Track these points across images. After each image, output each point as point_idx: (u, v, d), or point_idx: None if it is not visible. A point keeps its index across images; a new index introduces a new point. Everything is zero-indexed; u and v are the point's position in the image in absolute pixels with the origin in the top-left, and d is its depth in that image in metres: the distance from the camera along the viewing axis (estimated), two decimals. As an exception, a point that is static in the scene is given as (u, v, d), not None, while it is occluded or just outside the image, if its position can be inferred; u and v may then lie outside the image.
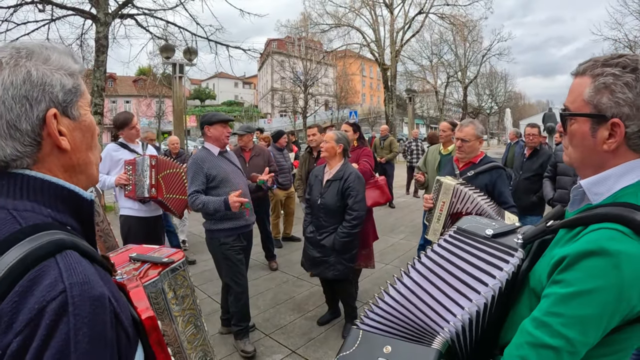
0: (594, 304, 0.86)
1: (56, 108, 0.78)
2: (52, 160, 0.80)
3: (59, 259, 0.68)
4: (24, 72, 0.74)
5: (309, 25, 28.51)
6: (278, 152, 6.80)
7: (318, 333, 3.90)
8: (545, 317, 0.92)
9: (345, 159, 3.77)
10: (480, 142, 3.35)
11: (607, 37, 23.17)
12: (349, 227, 3.54)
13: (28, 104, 0.74)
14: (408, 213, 9.39)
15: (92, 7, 11.66)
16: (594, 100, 0.99)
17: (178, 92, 12.58)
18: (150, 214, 4.23)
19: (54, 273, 0.65)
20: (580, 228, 0.98)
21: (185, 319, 1.16)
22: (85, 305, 0.65)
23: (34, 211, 0.75)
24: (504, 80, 46.74)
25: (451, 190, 3.01)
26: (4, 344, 0.61)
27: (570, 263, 0.91)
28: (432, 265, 1.20)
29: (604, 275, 0.86)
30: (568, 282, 0.90)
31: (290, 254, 6.43)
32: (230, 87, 61.05)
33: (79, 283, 0.66)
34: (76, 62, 0.85)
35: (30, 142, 0.76)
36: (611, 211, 0.93)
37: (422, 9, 27.06)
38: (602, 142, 0.99)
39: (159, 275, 1.07)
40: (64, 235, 0.72)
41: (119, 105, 39.40)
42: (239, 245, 3.56)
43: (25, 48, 0.78)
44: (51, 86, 0.77)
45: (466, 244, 1.22)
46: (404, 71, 36.96)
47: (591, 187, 1.03)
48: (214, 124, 3.52)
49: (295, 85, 36.78)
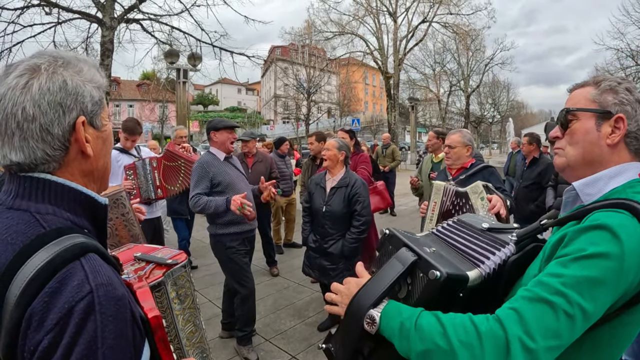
0: (594, 267, 0.86)
1: (85, 117, 0.83)
2: (75, 165, 0.85)
3: (84, 261, 0.73)
4: (61, 80, 0.79)
5: (313, 32, 28.66)
6: (280, 159, 6.82)
7: (318, 339, 3.89)
8: (544, 277, 0.92)
9: (347, 166, 3.81)
10: (467, 149, 3.39)
11: (609, 47, 23.19)
12: (357, 233, 3.58)
13: (61, 110, 0.79)
14: (409, 221, 9.39)
15: (98, 11, 11.77)
16: (600, 99, 1.09)
17: (182, 97, 12.63)
18: (151, 216, 4.26)
19: (81, 275, 0.71)
20: (574, 222, 1.01)
21: (186, 318, 1.20)
22: (110, 305, 0.71)
23: (55, 215, 0.79)
24: (506, 90, 46.77)
25: (441, 190, 3.11)
26: (36, 340, 0.66)
27: (571, 238, 0.94)
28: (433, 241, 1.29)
29: (605, 242, 0.88)
30: (569, 253, 0.92)
31: (291, 260, 6.43)
32: (234, 93, 61.19)
33: (103, 284, 0.71)
34: (102, 77, 0.90)
35: (60, 147, 0.80)
36: (601, 204, 0.98)
37: (426, 18, 27.23)
38: (605, 137, 1.07)
39: (163, 276, 1.11)
40: (85, 239, 0.77)
41: (122, 109, 39.52)
42: (244, 248, 3.58)
43: (62, 58, 0.82)
44: (83, 96, 0.82)
45: (462, 232, 1.27)
46: (406, 79, 37.09)
47: (583, 187, 1.10)
48: (220, 130, 3.55)
49: (298, 92, 36.89)
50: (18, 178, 0.81)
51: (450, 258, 1.12)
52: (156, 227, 4.32)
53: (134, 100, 39.73)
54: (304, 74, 35.23)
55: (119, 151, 4.27)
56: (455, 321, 0.92)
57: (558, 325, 0.85)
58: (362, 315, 1.04)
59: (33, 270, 0.69)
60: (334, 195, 3.66)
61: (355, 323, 1.06)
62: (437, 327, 0.92)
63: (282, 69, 40.14)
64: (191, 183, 3.51)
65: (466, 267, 1.07)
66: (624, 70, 22.03)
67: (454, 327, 0.90)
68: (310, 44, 31.55)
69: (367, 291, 1.08)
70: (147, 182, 4.05)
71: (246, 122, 44.12)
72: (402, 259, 1.08)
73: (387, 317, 1.00)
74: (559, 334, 0.85)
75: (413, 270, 1.06)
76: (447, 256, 1.12)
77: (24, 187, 0.80)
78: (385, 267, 1.11)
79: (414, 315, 0.97)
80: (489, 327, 0.88)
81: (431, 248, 1.14)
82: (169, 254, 1.23)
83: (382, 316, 1.01)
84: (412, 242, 1.15)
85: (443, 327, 0.92)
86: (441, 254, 1.12)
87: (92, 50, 13.68)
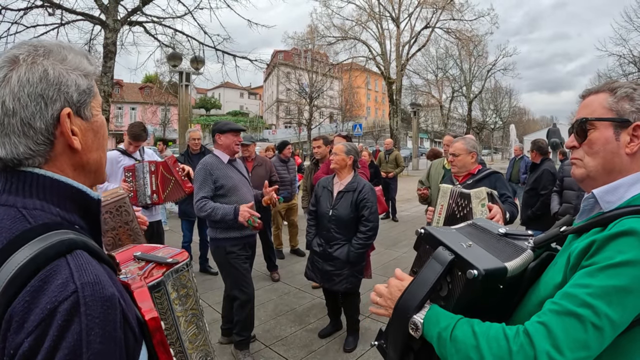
0: (622, 275, 0.86)
1: (70, 108, 0.78)
2: (63, 159, 0.80)
3: (70, 258, 0.68)
4: (41, 70, 0.74)
5: (316, 37, 28.72)
6: (281, 164, 6.76)
7: (319, 345, 3.84)
8: (571, 288, 0.92)
9: (355, 171, 3.77)
10: (472, 156, 3.39)
11: (611, 53, 23.31)
12: (364, 238, 3.54)
13: (43, 102, 0.74)
14: (411, 227, 9.33)
15: (102, 13, 11.83)
16: (617, 107, 1.06)
17: (184, 100, 12.64)
18: (151, 219, 4.21)
19: (65, 273, 0.65)
20: (599, 229, 1.00)
21: (188, 319, 1.16)
22: (96, 306, 0.65)
23: (43, 210, 0.75)
24: (508, 96, 46.89)
25: (448, 192, 3.11)
26: (16, 343, 0.61)
27: (600, 246, 0.92)
28: None
29: (633, 250, 0.87)
30: (597, 263, 0.91)
31: (292, 265, 6.38)
32: (236, 97, 61.34)
33: (90, 283, 0.66)
34: (91, 64, 0.85)
35: (44, 141, 0.76)
36: (628, 209, 0.97)
37: (429, 24, 27.33)
38: (624, 146, 1.05)
39: (163, 276, 1.07)
40: (74, 235, 0.73)
41: (124, 111, 39.62)
42: (244, 254, 3.53)
43: (43, 46, 0.78)
44: (67, 86, 0.77)
45: (479, 235, 1.28)
46: (409, 85, 37.19)
47: (604, 195, 1.07)
48: (226, 133, 3.51)
49: (300, 97, 36.97)
50: (5, 173, 0.77)
51: (489, 250, 1.13)
52: (155, 231, 4.27)
53: (137, 103, 39.81)
54: (307, 79, 35.30)
55: (120, 152, 4.24)
56: (489, 333, 0.96)
57: (586, 337, 0.86)
58: (406, 321, 1.09)
59: (14, 268, 0.64)
60: (341, 199, 3.62)
61: (401, 327, 1.12)
62: (471, 339, 0.96)
63: (285, 73, 40.30)
64: (195, 186, 3.47)
65: (504, 258, 1.08)
66: (627, 77, 22.08)
67: (487, 340, 0.94)
68: (312, 48, 31.62)
69: (410, 295, 1.13)
70: (143, 186, 4.00)
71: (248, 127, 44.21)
72: (441, 259, 1.10)
73: (428, 324, 1.05)
74: (588, 345, 0.86)
75: (452, 269, 1.08)
76: (484, 249, 1.13)
77: (11, 182, 0.76)
78: (425, 269, 1.13)
79: (451, 325, 1.01)
80: (520, 344, 0.90)
81: (467, 242, 1.15)
82: (170, 252, 1.19)
83: (425, 322, 1.06)
84: (448, 239, 1.16)
85: (477, 340, 0.95)
86: (479, 248, 1.14)
87: (95, 52, 13.70)
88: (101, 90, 11.21)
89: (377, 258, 6.42)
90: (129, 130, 4.27)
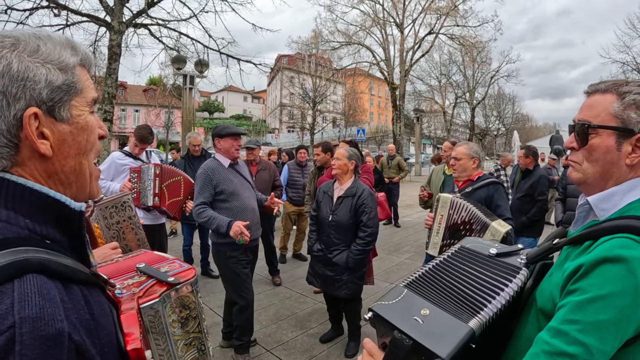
0: (610, 308, 0.86)
1: (39, 107, 0.68)
2: (33, 165, 0.71)
3: (17, 285, 0.59)
4: (4, 64, 0.66)
5: (320, 42, 28.78)
6: (296, 167, 6.75)
7: (320, 350, 3.82)
8: (561, 325, 0.91)
9: (356, 176, 3.76)
10: (474, 161, 3.40)
11: (615, 60, 23.37)
12: (363, 244, 3.52)
13: (5, 100, 0.66)
14: (413, 233, 9.31)
15: (107, 15, 11.86)
16: (622, 115, 1.01)
17: (187, 103, 12.65)
18: (154, 222, 4.22)
19: (7, 303, 0.57)
20: (590, 242, 0.99)
21: (188, 342, 1.08)
22: (34, 345, 0.56)
23: (8, 221, 0.66)
24: (511, 102, 46.78)
25: (448, 202, 3.10)
26: None
27: (586, 271, 0.91)
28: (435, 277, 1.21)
29: (619, 280, 0.86)
30: (584, 290, 0.90)
31: (294, 269, 6.37)
32: (239, 101, 61.49)
33: (30, 318, 0.56)
34: (75, 54, 0.75)
35: (6, 144, 0.67)
36: (620, 223, 0.94)
37: (432, 30, 27.36)
38: (625, 156, 1.01)
39: (159, 298, 0.98)
40: (33, 254, 0.63)
41: (128, 113, 39.74)
42: (245, 259, 3.52)
43: (12, 37, 0.69)
44: (34, 82, 0.68)
45: (470, 261, 1.22)
46: (412, 91, 37.18)
47: (598, 203, 1.05)
48: (224, 137, 3.49)
49: (303, 102, 37.01)
50: None
51: (451, 310, 1.05)
52: (158, 233, 4.27)
53: (140, 105, 39.87)
54: (310, 83, 35.35)
55: (126, 155, 4.25)
56: None
57: None
58: None
59: None
60: (340, 204, 3.61)
61: None
62: None
63: (289, 77, 40.35)
64: (195, 190, 3.46)
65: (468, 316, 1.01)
66: (629, 84, 22.10)
67: None
68: (316, 53, 31.67)
69: None
70: (147, 188, 4.01)
71: (251, 130, 44.29)
72: (399, 347, 1.02)
73: None
74: None
75: (413, 354, 1.00)
76: (446, 309, 1.05)
77: None
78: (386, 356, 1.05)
79: None
80: None
81: (424, 312, 1.05)
82: (175, 269, 1.10)
83: None
84: (400, 316, 1.07)
85: None
86: (437, 314, 1.04)
87: (100, 54, 13.78)
88: (105, 91, 11.28)
89: (379, 264, 6.40)
90: (136, 132, 4.28)
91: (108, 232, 2.75)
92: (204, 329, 1.14)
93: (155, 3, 12.70)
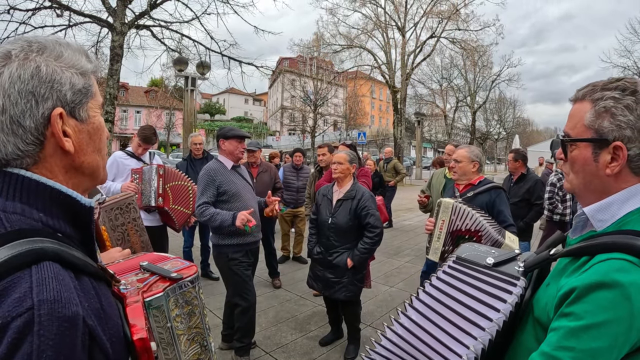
0: (605, 336, 0.84)
1: (63, 107, 0.74)
2: (54, 161, 0.76)
3: (34, 271, 0.63)
4: (33, 66, 0.71)
5: (322, 45, 28.80)
6: (291, 170, 6.78)
7: (319, 353, 3.82)
8: (555, 351, 0.90)
9: (355, 179, 3.77)
10: (474, 165, 3.38)
11: (616, 65, 23.41)
12: (370, 244, 3.54)
13: (34, 100, 0.71)
14: (413, 236, 9.31)
15: (110, 16, 11.89)
16: (595, 125, 0.99)
17: (189, 105, 12.68)
18: (154, 224, 4.22)
19: (25, 287, 0.60)
20: (586, 258, 0.96)
21: (190, 338, 1.10)
22: (52, 326, 0.59)
23: (23, 214, 0.70)
24: (512, 106, 46.94)
25: (450, 207, 3.03)
26: None
27: (580, 295, 0.89)
28: (432, 303, 1.21)
29: (614, 307, 0.84)
30: (578, 315, 0.88)
31: (294, 272, 6.36)
32: (241, 103, 61.56)
33: (49, 300, 0.60)
34: (90, 62, 0.82)
35: (33, 141, 0.72)
36: (617, 240, 0.91)
37: (434, 33, 27.36)
38: (604, 167, 0.99)
39: (163, 292, 1.00)
40: (48, 244, 0.67)
41: (129, 114, 39.82)
42: (247, 261, 3.52)
43: (38, 42, 0.74)
44: (60, 84, 0.74)
45: (467, 274, 1.22)
46: (413, 94, 37.21)
47: (595, 214, 1.02)
48: (230, 139, 3.49)
49: (305, 105, 37.05)
50: None
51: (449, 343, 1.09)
52: (158, 234, 4.27)
53: (142, 107, 39.97)
54: (311, 86, 35.39)
55: (128, 155, 4.25)
56: None
57: None
58: None
59: None
60: (339, 207, 3.61)
61: None
62: None
63: (290, 80, 40.41)
64: (197, 190, 3.46)
65: (470, 340, 1.05)
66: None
67: None
68: (318, 56, 31.70)
69: None
70: (150, 188, 4.01)
71: (252, 133, 44.34)
72: None
73: None
74: None
75: None
76: (441, 341, 1.10)
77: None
78: None
79: None
80: None
81: None
82: (177, 266, 1.13)
83: None
84: None
85: None
86: None
87: (102, 54, 13.79)
88: (107, 92, 11.27)
89: (379, 267, 6.41)
90: (139, 132, 4.28)
91: (113, 234, 2.76)
92: (206, 325, 1.16)
93: (158, 4, 12.74)
